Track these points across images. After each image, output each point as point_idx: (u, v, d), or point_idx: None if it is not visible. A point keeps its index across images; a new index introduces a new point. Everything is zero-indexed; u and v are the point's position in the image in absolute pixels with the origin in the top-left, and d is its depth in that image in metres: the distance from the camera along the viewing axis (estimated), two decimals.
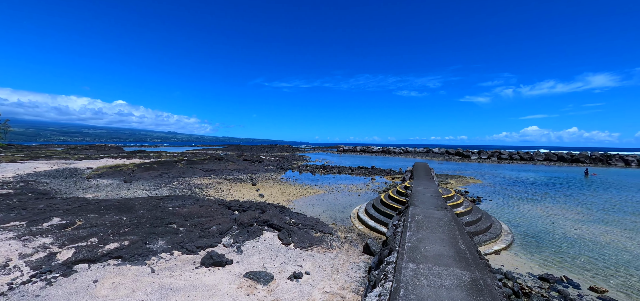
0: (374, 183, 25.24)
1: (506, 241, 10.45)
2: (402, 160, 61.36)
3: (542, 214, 15.41)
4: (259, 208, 12.57)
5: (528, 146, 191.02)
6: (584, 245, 10.87)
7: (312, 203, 16.63)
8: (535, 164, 54.46)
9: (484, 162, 58.34)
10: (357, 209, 14.46)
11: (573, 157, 57.79)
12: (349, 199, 18.10)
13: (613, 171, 43.40)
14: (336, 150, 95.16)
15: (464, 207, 12.06)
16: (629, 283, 7.98)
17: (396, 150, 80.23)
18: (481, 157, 64.28)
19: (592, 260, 9.47)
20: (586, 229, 12.87)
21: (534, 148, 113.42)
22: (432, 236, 6.74)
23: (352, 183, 25.29)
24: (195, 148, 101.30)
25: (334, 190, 21.21)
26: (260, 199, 17.30)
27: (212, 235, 9.40)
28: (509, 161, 59.29)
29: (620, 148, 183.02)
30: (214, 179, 25.28)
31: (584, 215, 15.39)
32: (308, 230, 10.43)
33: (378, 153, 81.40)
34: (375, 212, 12.60)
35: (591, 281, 8.05)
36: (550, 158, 59.44)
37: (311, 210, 14.91)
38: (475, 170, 39.65)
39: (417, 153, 75.63)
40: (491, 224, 11.42)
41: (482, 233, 10.64)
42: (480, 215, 11.66)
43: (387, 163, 51.50)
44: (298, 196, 18.80)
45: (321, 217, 13.65)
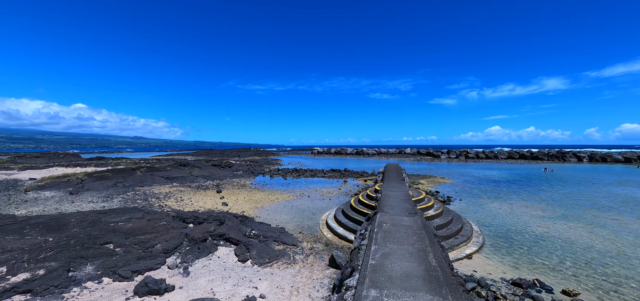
0: (346, 186, 24.66)
1: (477, 244, 10.11)
2: (375, 161, 61.85)
3: (509, 212, 15.53)
4: (217, 220, 11.35)
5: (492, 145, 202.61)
6: (551, 243, 10.83)
7: (279, 210, 15.59)
8: (499, 162, 57.11)
9: (453, 161, 60.29)
10: (327, 215, 13.65)
11: (533, 155, 61.39)
12: (319, 204, 17.27)
13: (568, 167, 46.42)
14: (311, 152, 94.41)
15: (435, 210, 11.65)
16: (599, 283, 7.82)
17: (370, 152, 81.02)
18: (450, 156, 66.48)
19: (561, 259, 9.34)
20: (551, 226, 13.01)
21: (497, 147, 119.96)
22: (400, 249, 6.04)
23: (324, 186, 24.53)
24: (163, 154, 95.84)
25: (304, 195, 20.30)
26: (223, 208, 15.97)
27: (155, 255, 8.10)
28: (476, 159, 61.77)
29: (571, 145, 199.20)
30: (175, 187, 23.39)
31: (548, 211, 15.72)
32: (270, 243, 9.42)
33: (352, 154, 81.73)
34: (344, 218, 11.85)
35: (563, 283, 7.80)
36: (513, 156, 62.73)
37: (277, 218, 13.88)
38: (444, 170, 40.58)
39: (390, 154, 76.83)
40: (462, 226, 11.08)
41: (454, 236, 10.23)
42: (451, 217, 11.29)
43: (360, 164, 51.50)
44: (266, 202, 17.66)
45: (288, 225, 12.68)
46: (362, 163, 53.65)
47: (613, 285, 7.74)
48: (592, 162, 54.07)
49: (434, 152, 70.99)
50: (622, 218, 14.34)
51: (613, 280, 8.06)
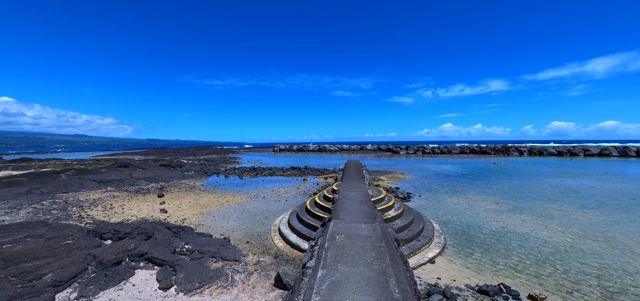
0: (305, 185, 23.42)
1: (439, 245, 9.46)
2: (337, 157, 61.63)
3: (467, 207, 15.49)
4: (144, 233, 9.35)
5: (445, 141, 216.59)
6: (509, 239, 10.62)
7: (228, 216, 13.81)
8: (452, 156, 60.22)
9: (412, 156, 62.32)
10: (280, 219, 12.24)
11: (482, 150, 65.81)
12: (274, 206, 15.78)
13: (511, 160, 50.26)
14: (272, 150, 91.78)
15: (395, 210, 10.86)
16: (561, 283, 7.47)
17: (332, 148, 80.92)
18: (408, 152, 68.75)
19: (522, 257, 9.02)
20: (507, 220, 13.02)
21: (450, 142, 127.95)
22: (354, 274, 4.86)
23: (282, 186, 23.04)
24: (106, 154, 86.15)
25: (260, 196, 18.64)
26: (160, 216, 13.76)
27: (39, 291, 6.05)
28: (432, 155, 64.57)
29: (512, 141, 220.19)
30: (108, 192, 20.21)
31: (502, 205, 15.99)
32: (206, 260, 7.78)
33: (314, 151, 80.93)
34: (298, 223, 10.55)
35: (527, 285, 7.32)
36: (464, 151, 66.65)
37: (224, 226, 12.15)
38: (404, 165, 41.34)
39: (351, 151, 77.41)
40: (423, 226, 10.41)
41: (415, 238, 9.47)
42: (412, 217, 10.57)
43: (322, 161, 50.72)
44: (213, 207, 15.71)
45: (234, 234, 11.05)
46: (324, 160, 52.94)
47: (574, 284, 7.44)
48: (531, 156, 59.35)
49: (394, 148, 72.94)
50: (565, 209, 14.97)
51: (573, 277, 7.81)
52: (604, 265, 8.46)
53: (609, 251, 9.51)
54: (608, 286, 7.37)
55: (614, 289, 7.20)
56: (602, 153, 55.28)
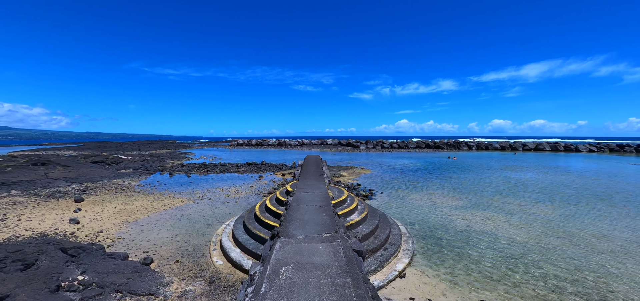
0: (261, 183, 21.35)
1: (408, 253, 8.29)
2: (298, 152, 59.86)
3: (430, 204, 14.85)
4: (22, 260, 6.73)
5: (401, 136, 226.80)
6: (477, 240, 9.90)
7: (160, 225, 11.37)
8: (409, 151, 62.04)
9: (371, 151, 62.94)
10: (224, 228, 10.20)
11: (436, 144, 68.91)
12: (221, 210, 13.59)
13: (462, 154, 53.06)
14: (229, 144, 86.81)
15: (359, 213, 9.51)
16: (542, 293, 6.67)
17: (292, 143, 78.92)
18: (368, 146, 69.48)
19: (495, 262, 8.21)
20: (471, 217, 12.49)
21: (406, 137, 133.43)
22: None
23: (235, 184, 20.70)
24: (31, 149, 73.86)
25: (206, 197, 16.21)
26: (68, 228, 10.84)
27: None
28: (390, 149, 65.95)
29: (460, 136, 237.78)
30: (9, 197, 16.13)
31: (462, 200, 15.67)
32: (105, 297, 5.58)
33: (274, 146, 78.23)
34: (244, 233, 8.66)
35: (508, 299, 6.40)
36: (420, 146, 69.27)
37: (151, 239, 9.77)
38: (364, 159, 41.03)
39: (312, 145, 76.20)
40: (390, 231, 9.19)
41: (382, 247, 8.18)
42: (377, 221, 9.29)
43: (282, 156, 48.60)
44: (145, 213, 13.04)
45: (162, 250, 8.80)
46: (284, 155, 50.85)
47: (553, 293, 6.70)
48: (479, 150, 63.50)
49: (354, 142, 73.27)
50: (521, 204, 15.05)
51: (550, 283, 7.10)
52: (574, 266, 7.96)
53: (573, 249, 9.17)
54: (586, 292, 6.75)
55: (594, 297, 6.57)
56: (537, 148, 61.08)
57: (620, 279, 7.41)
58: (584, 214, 13.15)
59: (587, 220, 12.32)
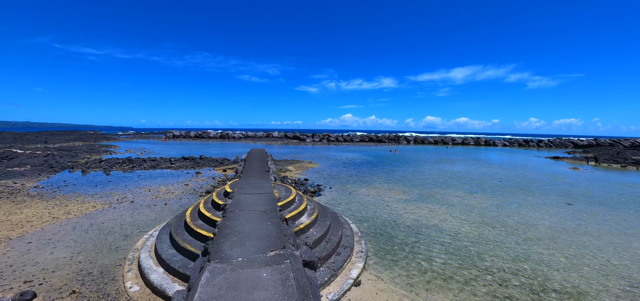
0: (198, 180, 19.06)
1: (362, 256, 7.69)
2: (242, 145, 56.74)
3: (377, 199, 14.76)
4: None
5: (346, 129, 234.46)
6: (427, 234, 9.87)
7: (57, 240, 8.90)
8: (354, 145, 63.78)
9: (317, 144, 62.98)
10: (146, 240, 8.34)
11: (378, 138, 72.21)
12: (144, 215, 11.41)
13: (401, 148, 56.45)
14: (163, 136, 78.38)
15: (309, 214, 8.61)
16: (491, 288, 6.64)
17: (236, 135, 74.79)
18: (314, 139, 69.47)
19: (445, 258, 8.10)
20: (417, 211, 12.63)
21: (350, 131, 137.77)
22: None
23: (166, 182, 18.08)
24: None
25: (127, 199, 13.61)
26: None
27: None
28: (336, 142, 66.96)
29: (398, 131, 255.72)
30: None
31: (408, 193, 15.99)
32: None
33: (216, 138, 73.09)
34: (171, 247, 7.06)
35: (463, 298, 6.18)
36: (364, 139, 71.81)
37: (40, 261, 7.46)
38: (311, 153, 40.52)
39: (257, 138, 73.26)
40: (342, 232, 8.51)
41: (335, 252, 7.42)
42: (328, 222, 8.52)
43: (224, 149, 45.31)
44: (37, 225, 10.20)
45: (54, 276, 6.69)
46: (227, 148, 47.53)
47: (501, 286, 6.75)
48: (416, 144, 68.43)
49: (300, 135, 72.57)
50: (459, 195, 15.97)
51: (497, 277, 7.18)
52: (513, 256, 8.29)
53: (509, 239, 9.70)
54: (528, 283, 6.96)
55: (536, 288, 6.77)
56: (464, 142, 68.33)
57: (552, 266, 7.90)
58: (510, 203, 14.41)
59: (514, 209, 13.47)
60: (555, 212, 13.10)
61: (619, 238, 10.08)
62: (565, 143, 64.19)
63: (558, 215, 12.63)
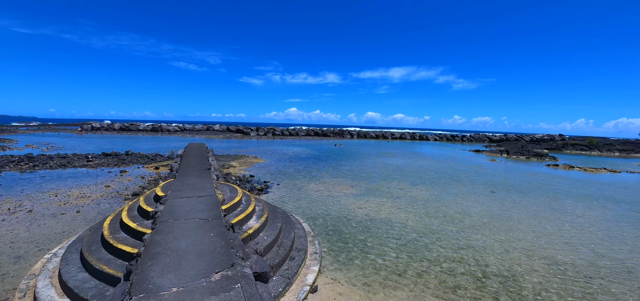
0: (122, 180, 16.43)
1: (317, 257, 7.25)
2: (178, 139, 51.74)
3: (327, 194, 14.56)
4: None
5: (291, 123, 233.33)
6: (378, 228, 9.92)
7: None
8: (300, 139, 63.50)
9: (262, 138, 61.03)
10: (46, 261, 6.57)
11: (323, 132, 73.16)
12: (47, 228, 9.18)
13: (346, 141, 58.13)
14: (79, 129, 67.04)
15: (258, 217, 7.82)
16: (441, 278, 6.80)
17: (171, 128, 68.04)
18: (259, 133, 67.22)
19: (397, 251, 8.15)
20: (367, 205, 12.74)
21: (296, 125, 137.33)
22: None
23: (80, 184, 15.14)
24: None
25: (22, 208, 10.87)
26: None
27: None
28: (282, 136, 65.80)
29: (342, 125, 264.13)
30: None
31: (356, 187, 16.16)
32: None
33: (147, 131, 65.43)
34: (82, 270, 5.60)
35: (418, 294, 6.18)
36: (310, 133, 72.02)
37: None
38: (255, 147, 38.89)
39: (196, 131, 67.78)
40: (294, 233, 7.94)
41: (288, 257, 6.83)
42: (279, 223, 7.86)
43: (157, 144, 40.59)
44: None
45: None
46: (160, 143, 42.67)
47: (449, 276, 6.99)
48: (359, 138, 71.21)
49: (244, 129, 69.45)
50: (403, 187, 16.74)
51: (445, 266, 7.45)
52: (455, 245, 8.78)
53: (450, 228, 10.32)
54: (471, 270, 7.36)
55: (479, 274, 7.18)
56: (402, 136, 73.51)
57: (488, 251, 8.56)
58: (447, 194, 15.59)
59: (451, 199, 14.57)
60: (483, 200, 14.55)
61: (534, 221, 11.55)
62: (482, 138, 73.74)
63: (486, 202, 14.03)
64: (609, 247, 9.27)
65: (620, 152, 47.68)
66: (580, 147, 50.77)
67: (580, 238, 9.89)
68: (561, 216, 12.31)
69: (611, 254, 8.77)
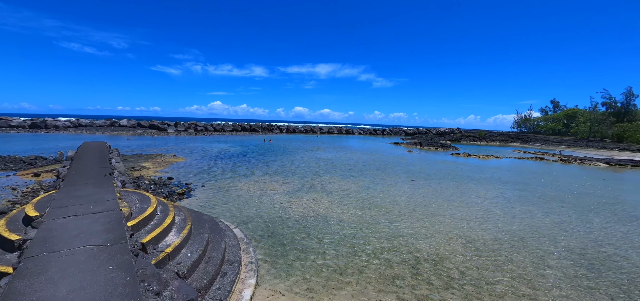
0: None
1: (252, 268, 6.47)
2: (70, 137, 42.43)
3: (259, 193, 13.65)
4: None
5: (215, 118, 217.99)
6: (314, 227, 9.61)
7: None
8: (226, 134, 59.65)
9: (182, 134, 55.13)
10: None
11: (251, 127, 70.34)
12: None
13: (275, 136, 57.08)
14: None
15: (179, 230, 6.55)
16: (382, 272, 6.83)
17: (60, 123, 55.56)
18: (178, 129, 60.56)
19: (337, 251, 7.95)
20: (302, 203, 12.35)
21: (221, 119, 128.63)
22: None
23: None
24: None
25: None
26: None
27: None
28: (205, 132, 60.69)
29: (270, 120, 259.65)
30: None
31: (289, 184, 15.63)
32: None
33: (24, 128, 51.92)
34: None
35: (361, 291, 6.02)
36: (236, 129, 68.37)
37: None
38: (174, 145, 34.69)
39: (96, 128, 56.96)
40: (225, 244, 6.96)
41: (219, 273, 5.87)
42: (206, 234, 6.77)
43: (39, 143, 32.29)
44: None
45: None
46: (43, 142, 34.10)
47: (388, 267, 7.09)
48: (288, 133, 70.83)
49: (160, 124, 61.52)
50: (336, 181, 16.96)
51: (382, 258, 7.54)
52: (388, 234, 9.10)
53: (382, 218, 10.72)
54: (404, 258, 7.65)
55: (412, 262, 7.49)
56: (329, 131, 76.03)
57: (417, 237, 9.10)
58: (376, 185, 16.40)
59: (379, 189, 15.34)
60: (407, 189, 15.77)
61: (449, 204, 12.96)
62: (399, 131, 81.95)
63: (409, 191, 15.21)
64: (506, 222, 10.94)
65: (500, 141, 59.01)
66: (473, 138, 60.98)
67: (485, 217, 11.44)
68: (468, 198, 14.14)
69: (508, 228, 10.34)
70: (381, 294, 6.09)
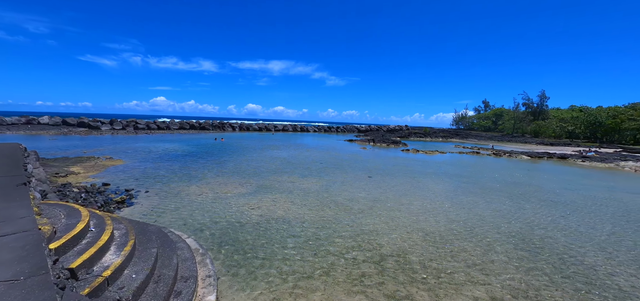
0: None
1: (211, 282, 5.83)
2: None
3: (214, 196, 12.68)
4: None
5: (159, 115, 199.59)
6: (276, 230, 9.16)
7: None
8: (172, 133, 55.11)
9: (120, 133, 49.40)
10: None
11: (201, 125, 66.05)
12: None
13: (228, 135, 54.43)
14: None
15: (120, 247, 5.59)
16: (346, 270, 6.70)
17: None
18: (115, 127, 54.15)
19: (300, 252, 7.63)
20: (261, 205, 11.76)
21: (164, 117, 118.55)
22: None
23: None
24: None
25: None
26: None
27: None
28: (148, 131, 55.28)
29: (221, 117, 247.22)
30: None
31: (246, 186, 14.84)
32: None
33: None
34: None
35: (327, 291, 5.81)
36: (184, 127, 63.58)
37: None
38: (110, 145, 30.80)
39: (7, 126, 47.98)
40: (177, 257, 6.17)
41: (172, 293, 5.14)
42: (154, 250, 5.91)
43: None
44: None
45: None
46: None
47: (354, 266, 7.00)
48: (242, 131, 68.14)
49: (91, 121, 54.22)
50: (294, 180, 16.60)
51: (348, 257, 7.45)
52: (352, 232, 9.08)
53: (344, 216, 10.70)
54: (369, 256, 7.66)
55: (376, 258, 7.52)
56: (284, 129, 75.04)
57: (378, 233, 9.23)
58: (335, 182, 16.44)
59: (339, 187, 15.39)
60: (365, 185, 16.09)
61: (405, 199, 13.51)
62: (352, 129, 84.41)
63: (367, 187, 15.53)
64: (456, 213, 11.74)
65: (442, 137, 64.35)
66: (419, 135, 65.52)
67: (437, 209, 12.13)
68: (421, 192, 14.93)
69: (458, 218, 11.09)
70: (350, 296, 5.96)
